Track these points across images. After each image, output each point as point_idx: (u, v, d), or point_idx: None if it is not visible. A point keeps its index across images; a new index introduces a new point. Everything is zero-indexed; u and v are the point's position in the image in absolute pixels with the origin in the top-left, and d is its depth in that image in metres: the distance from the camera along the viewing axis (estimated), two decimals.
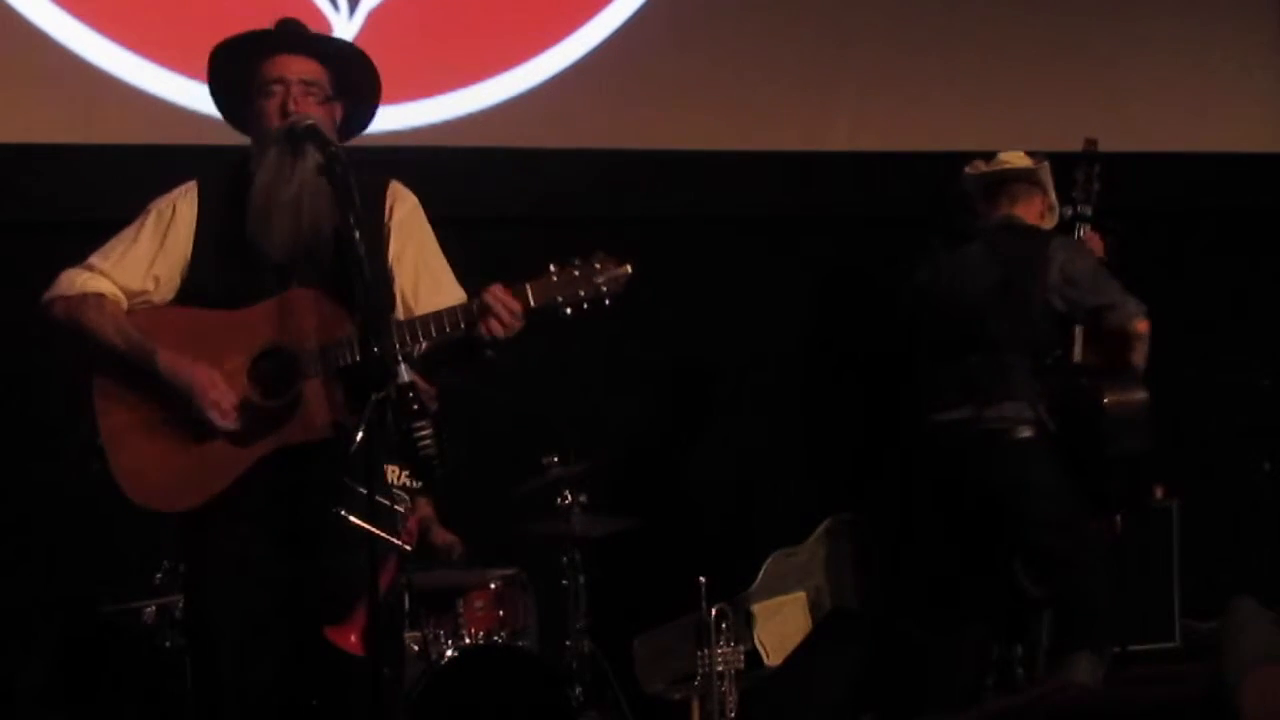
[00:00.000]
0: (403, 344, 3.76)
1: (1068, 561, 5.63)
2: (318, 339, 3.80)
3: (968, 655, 5.84)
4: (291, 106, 3.86)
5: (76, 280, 3.89)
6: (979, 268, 5.75)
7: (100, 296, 3.87)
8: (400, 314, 3.93)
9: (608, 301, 3.85)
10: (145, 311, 3.90)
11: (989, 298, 5.68)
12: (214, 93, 4.03)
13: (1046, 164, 5.86)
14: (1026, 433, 5.61)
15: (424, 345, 3.82)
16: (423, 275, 4.01)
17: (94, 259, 3.92)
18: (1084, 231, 5.96)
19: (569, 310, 3.84)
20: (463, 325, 3.80)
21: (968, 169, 5.91)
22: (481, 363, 3.89)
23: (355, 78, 4.03)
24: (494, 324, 3.78)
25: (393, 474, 5.17)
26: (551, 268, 3.83)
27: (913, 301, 5.94)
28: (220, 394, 3.79)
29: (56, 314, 3.89)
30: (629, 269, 3.86)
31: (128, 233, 3.94)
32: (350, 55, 4.07)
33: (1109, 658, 5.61)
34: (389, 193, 4.01)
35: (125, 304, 3.90)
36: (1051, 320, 5.67)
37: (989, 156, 5.91)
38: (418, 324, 3.82)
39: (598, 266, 3.84)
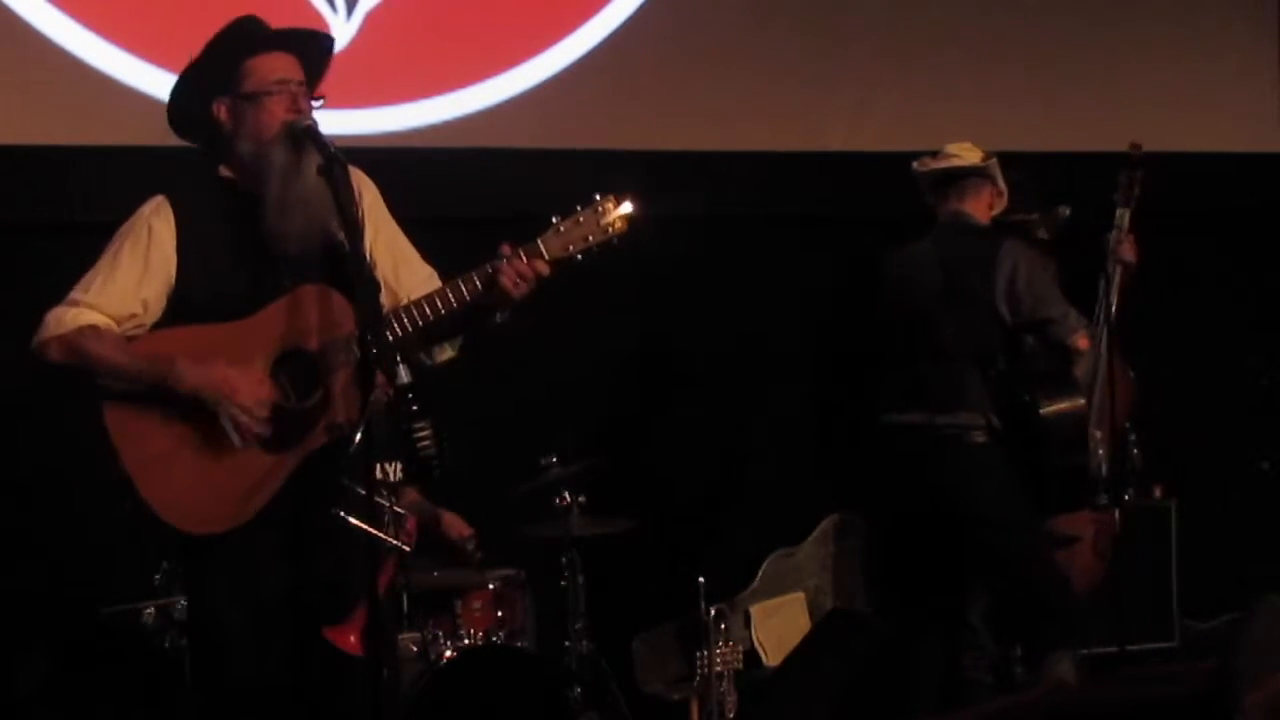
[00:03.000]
0: (424, 319, 3.80)
1: (1022, 562, 5.66)
2: (331, 335, 3.81)
3: (954, 656, 5.86)
4: (303, 106, 3.88)
5: (65, 317, 3.84)
6: (925, 268, 5.78)
7: (94, 328, 3.83)
8: (384, 298, 3.94)
9: (616, 241, 3.89)
10: (146, 337, 3.87)
11: (936, 301, 5.71)
12: (182, 88, 4.00)
13: (994, 160, 5.86)
14: (981, 438, 5.65)
15: (443, 313, 3.84)
16: (399, 260, 4.06)
17: (75, 293, 3.87)
18: (1121, 235, 5.95)
19: (580, 257, 3.88)
20: (480, 289, 3.83)
21: (916, 165, 5.92)
22: (491, 328, 3.91)
23: (321, 67, 4.03)
24: (510, 284, 3.81)
25: (382, 470, 5.15)
26: (555, 219, 3.88)
27: (873, 300, 5.97)
28: (248, 394, 3.78)
29: (54, 355, 3.85)
30: (631, 206, 3.89)
31: (104, 260, 3.90)
32: (323, 46, 4.08)
33: (1083, 654, 5.64)
34: (354, 180, 4.01)
35: (118, 332, 3.86)
36: (998, 328, 5.68)
37: (935, 153, 5.91)
38: (436, 298, 3.84)
39: (600, 210, 3.88)
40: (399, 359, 3.69)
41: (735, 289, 6.62)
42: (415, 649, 5.07)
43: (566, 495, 5.42)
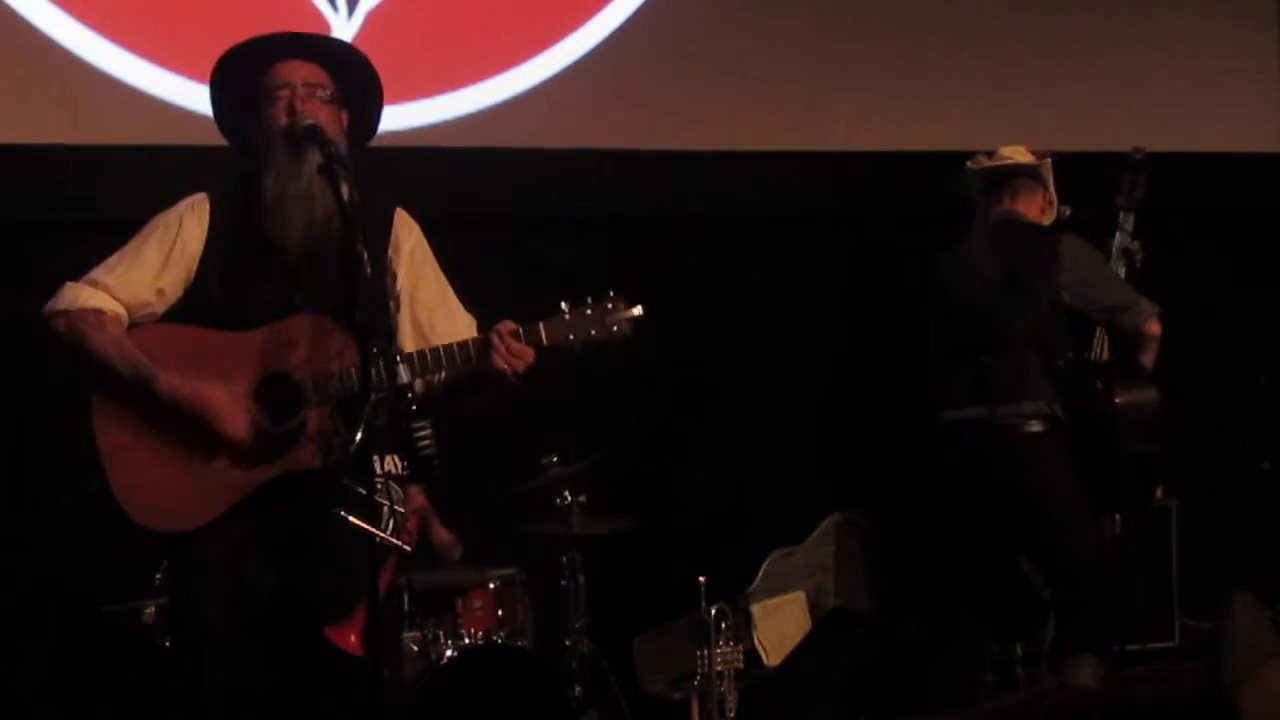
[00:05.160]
0: (415, 376, 3.79)
1: (1077, 559, 5.63)
2: (322, 367, 3.82)
3: (967, 654, 5.84)
4: (298, 106, 3.88)
5: (79, 295, 3.89)
6: (983, 265, 5.75)
7: (99, 313, 3.86)
8: (410, 345, 3.95)
9: (618, 343, 3.90)
10: (148, 330, 3.91)
11: (996, 295, 5.68)
12: (216, 107, 4.04)
13: (1049, 160, 5.86)
14: (1040, 427, 5.61)
15: (437, 377, 3.88)
16: (437, 309, 4.06)
17: (96, 273, 3.92)
18: (1125, 239, 5.95)
19: (580, 349, 3.88)
20: (474, 358, 3.84)
21: (970, 164, 5.92)
22: (503, 390, 3.92)
23: (357, 81, 4.05)
24: (499, 361, 3.82)
25: (386, 462, 5.16)
26: (564, 306, 3.89)
27: (925, 301, 5.94)
28: (234, 411, 3.80)
29: (58, 328, 3.88)
30: (640, 310, 3.91)
31: (130, 246, 3.95)
32: (351, 58, 4.10)
33: (1107, 660, 5.62)
34: (395, 219, 4.05)
35: (126, 319, 3.90)
36: (1063, 319, 5.67)
37: (990, 153, 5.92)
38: (429, 356, 3.85)
39: (610, 307, 3.89)
40: (399, 358, 3.70)
41: (735, 289, 6.62)
42: (416, 648, 5.07)
43: (567, 494, 5.42)
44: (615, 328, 3.89)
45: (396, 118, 5.99)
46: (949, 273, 5.84)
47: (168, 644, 4.96)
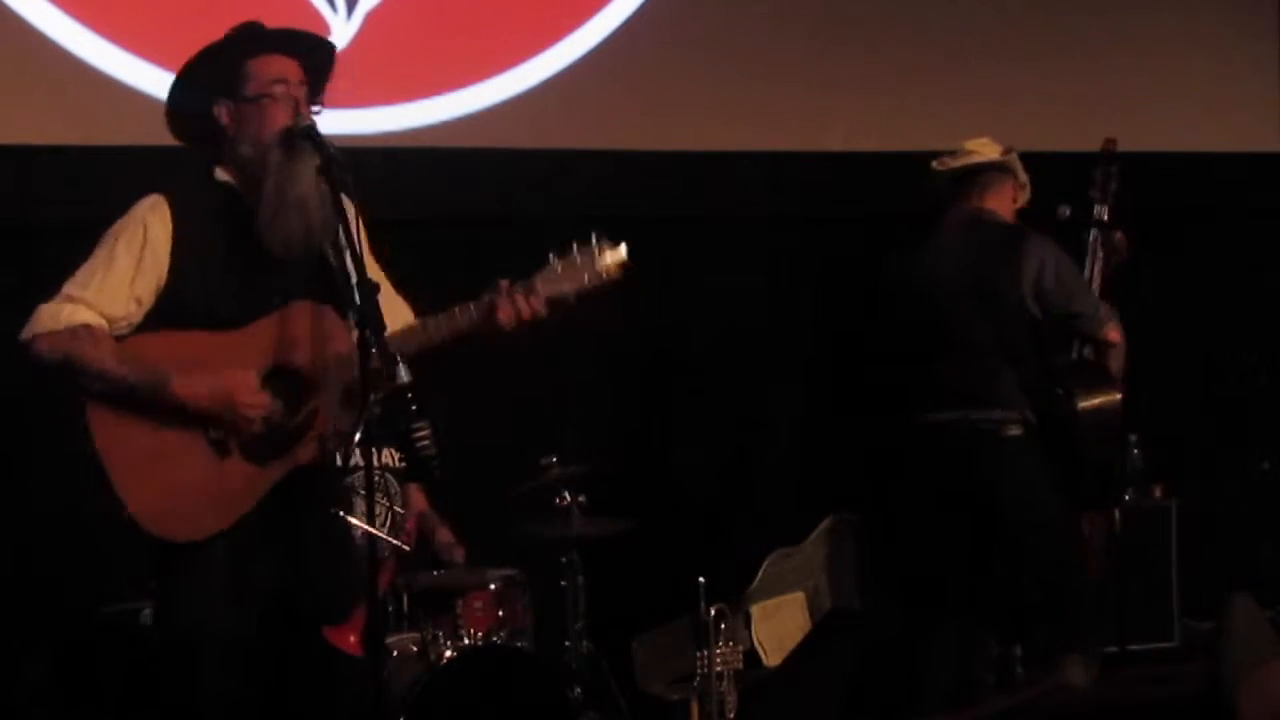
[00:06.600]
0: (418, 346, 3.78)
1: (1057, 561, 5.64)
2: (323, 354, 3.80)
3: (960, 655, 5.85)
4: (303, 108, 3.85)
5: (60, 314, 3.77)
6: (950, 267, 5.72)
7: (89, 328, 3.76)
8: None
9: (610, 286, 3.91)
10: (140, 340, 3.82)
11: (963, 300, 5.67)
12: (182, 89, 3.96)
13: (1014, 154, 5.84)
14: (1016, 430, 5.62)
15: (434, 341, 3.84)
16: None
17: (71, 289, 3.80)
18: (1100, 234, 5.94)
19: (574, 298, 3.89)
20: (476, 319, 3.84)
21: (935, 164, 5.87)
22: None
23: (324, 76, 4.02)
24: (506, 318, 3.82)
25: (387, 456, 5.16)
26: (552, 258, 3.89)
27: (888, 299, 5.92)
28: (254, 397, 3.77)
29: (42, 351, 3.77)
30: (624, 249, 3.94)
31: (99, 258, 3.83)
32: (327, 54, 4.06)
33: (1099, 658, 5.62)
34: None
35: (110, 332, 3.80)
36: (1028, 324, 5.66)
37: (953, 152, 5.89)
38: (430, 324, 3.85)
39: (596, 251, 3.88)
40: (399, 359, 3.69)
41: (735, 289, 6.62)
42: (415, 649, 5.07)
43: (566, 495, 5.41)
44: (604, 274, 3.91)
45: (396, 118, 6.00)
46: (914, 272, 5.82)
47: (165, 645, 4.97)
